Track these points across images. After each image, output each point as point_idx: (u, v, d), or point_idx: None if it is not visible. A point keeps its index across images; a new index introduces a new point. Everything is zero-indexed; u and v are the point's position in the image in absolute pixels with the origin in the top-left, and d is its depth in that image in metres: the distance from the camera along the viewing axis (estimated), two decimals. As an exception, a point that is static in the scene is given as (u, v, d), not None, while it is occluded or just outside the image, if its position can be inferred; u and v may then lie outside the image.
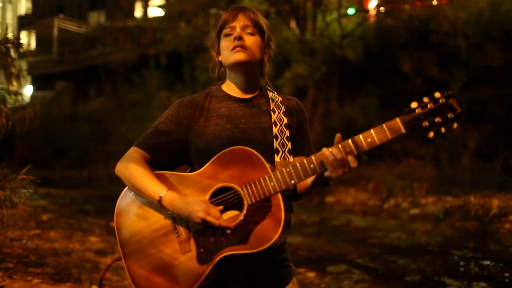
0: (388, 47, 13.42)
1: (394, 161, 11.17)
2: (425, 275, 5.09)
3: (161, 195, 1.46)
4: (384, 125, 1.35)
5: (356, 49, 13.37)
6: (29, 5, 33.34)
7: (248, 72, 1.60)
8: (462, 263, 5.67)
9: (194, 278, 1.44)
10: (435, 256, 6.02)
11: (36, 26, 25.33)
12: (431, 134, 1.32)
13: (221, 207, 1.43)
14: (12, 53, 4.13)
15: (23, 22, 29.99)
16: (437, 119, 1.31)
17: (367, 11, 14.74)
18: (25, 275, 3.51)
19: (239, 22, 1.56)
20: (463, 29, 11.60)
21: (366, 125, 12.38)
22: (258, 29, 1.59)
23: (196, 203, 1.42)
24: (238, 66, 1.56)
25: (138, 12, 25.54)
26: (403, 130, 1.33)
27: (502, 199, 8.74)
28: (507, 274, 5.16)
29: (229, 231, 1.41)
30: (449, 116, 1.30)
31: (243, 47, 1.54)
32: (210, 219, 1.39)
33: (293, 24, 15.03)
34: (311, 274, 4.95)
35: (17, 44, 4.13)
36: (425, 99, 1.33)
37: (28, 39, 25.79)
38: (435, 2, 12.61)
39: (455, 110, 1.30)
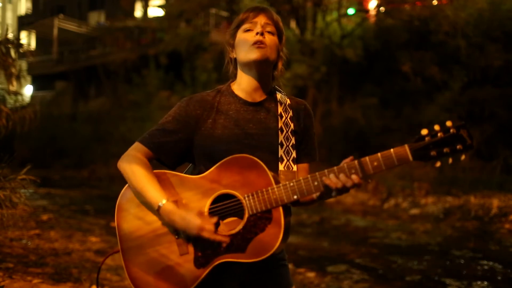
0: (388, 47, 13.43)
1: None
2: (425, 275, 5.09)
3: (160, 204, 1.45)
4: (392, 150, 1.34)
5: (356, 49, 13.38)
6: (29, 5, 33.35)
7: (263, 71, 1.58)
8: (462, 263, 5.67)
9: (190, 280, 1.45)
10: (435, 256, 6.02)
11: (36, 26, 25.31)
12: (438, 164, 1.32)
13: (215, 219, 1.41)
14: (12, 53, 4.14)
15: (23, 22, 29.99)
16: (446, 150, 1.29)
17: (367, 11, 14.74)
18: (25, 275, 3.51)
19: (261, 20, 1.55)
20: (463, 29, 11.61)
21: (366, 125, 12.44)
22: (278, 31, 1.58)
23: (191, 219, 1.40)
24: (255, 63, 1.53)
25: (138, 12, 25.54)
26: (411, 158, 1.32)
27: (502, 199, 8.75)
28: (507, 274, 5.16)
29: (224, 245, 1.41)
30: (458, 147, 1.29)
31: (264, 44, 1.52)
32: (205, 234, 1.39)
33: (293, 24, 15.04)
34: (311, 274, 4.95)
35: (17, 44, 4.13)
36: (436, 127, 1.31)
37: (28, 39, 25.79)
38: (435, 2, 12.61)
39: (464, 142, 1.28)
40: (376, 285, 4.73)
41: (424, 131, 1.32)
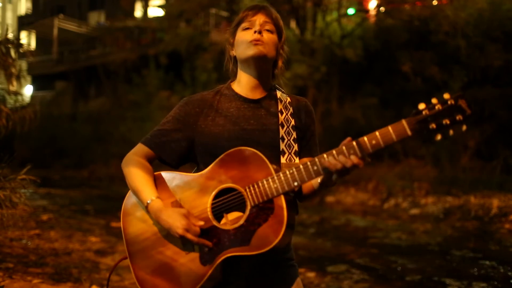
0: (388, 47, 13.42)
1: (394, 161, 11.18)
2: (425, 275, 5.09)
3: (148, 202, 1.47)
4: (389, 127, 1.31)
5: (356, 49, 13.38)
6: (29, 5, 33.35)
7: (262, 68, 1.58)
8: (462, 263, 5.67)
9: (196, 279, 1.45)
10: (435, 256, 6.02)
11: (36, 26, 25.31)
12: (438, 137, 1.28)
13: (202, 223, 1.42)
14: (12, 53, 4.14)
15: (23, 22, 30.00)
16: (445, 121, 1.26)
17: (367, 11, 14.74)
18: (25, 275, 3.51)
19: (260, 18, 1.56)
20: (463, 29, 11.60)
21: (366, 125, 12.43)
22: (277, 29, 1.59)
23: (177, 219, 1.41)
24: (254, 60, 1.54)
25: (138, 12, 25.54)
26: (409, 133, 1.28)
27: (502, 199, 8.74)
28: (507, 274, 5.16)
29: (206, 249, 1.42)
30: (457, 118, 1.25)
31: (262, 42, 1.53)
32: (189, 236, 1.39)
33: (293, 24, 15.04)
34: (311, 274, 4.95)
35: (17, 44, 4.13)
36: (434, 100, 1.28)
37: (28, 39, 25.79)
38: (435, 2, 12.61)
39: (464, 112, 1.25)
40: (376, 285, 4.73)
41: (421, 105, 1.29)
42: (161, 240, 1.51)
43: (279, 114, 1.59)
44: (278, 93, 1.65)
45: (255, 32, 1.53)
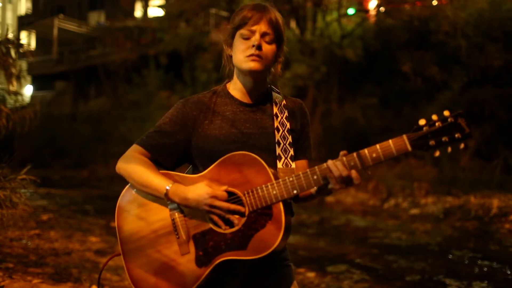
0: (388, 47, 13.43)
1: (394, 161, 11.17)
2: (425, 275, 5.09)
3: (167, 188, 1.45)
4: (390, 141, 1.34)
5: (356, 49, 13.39)
6: (29, 5, 33.36)
7: (257, 78, 1.58)
8: (462, 263, 5.67)
9: (192, 280, 1.45)
10: (435, 256, 6.02)
11: (36, 26, 25.33)
12: (437, 153, 1.32)
13: (225, 187, 1.43)
14: (12, 53, 4.13)
15: (23, 22, 30.01)
16: (444, 139, 1.30)
17: (367, 11, 14.75)
18: (25, 275, 3.50)
19: (260, 28, 1.50)
20: (463, 29, 11.61)
21: (366, 125, 12.44)
22: (277, 36, 1.54)
23: (201, 190, 1.42)
24: (250, 72, 1.53)
25: (138, 12, 25.55)
26: (409, 148, 1.32)
27: (502, 199, 8.74)
28: (507, 274, 5.16)
29: (236, 222, 1.41)
30: (456, 136, 1.30)
31: (260, 57, 1.50)
32: (217, 203, 1.40)
33: (293, 24, 15.05)
34: (311, 274, 4.95)
35: (17, 44, 4.13)
36: (434, 117, 1.32)
37: (28, 39, 25.77)
38: (435, 2, 12.62)
39: (463, 130, 1.29)
40: (376, 285, 4.73)
41: (422, 121, 1.33)
42: (158, 239, 1.50)
43: (275, 118, 1.59)
44: (274, 96, 1.65)
45: (253, 46, 1.49)
